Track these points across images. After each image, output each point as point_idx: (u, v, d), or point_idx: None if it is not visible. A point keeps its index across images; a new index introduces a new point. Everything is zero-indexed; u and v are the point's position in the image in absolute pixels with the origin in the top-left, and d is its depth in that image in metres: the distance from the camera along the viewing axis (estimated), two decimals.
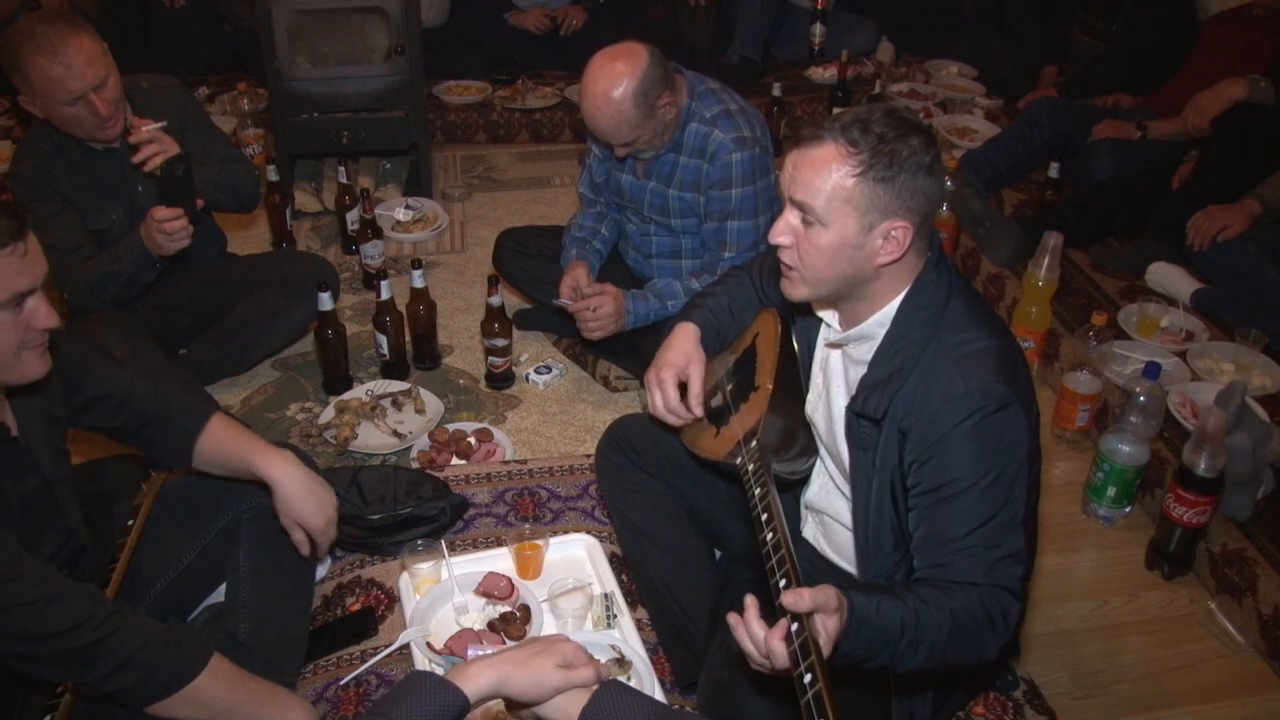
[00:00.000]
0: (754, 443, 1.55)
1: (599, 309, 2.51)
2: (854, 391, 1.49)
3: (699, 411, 1.74)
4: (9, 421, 1.50)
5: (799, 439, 1.67)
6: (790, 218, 1.43)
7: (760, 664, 1.20)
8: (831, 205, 1.37)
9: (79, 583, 1.43)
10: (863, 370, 1.48)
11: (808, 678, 1.08)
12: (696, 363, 1.77)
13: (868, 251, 1.40)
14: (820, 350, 1.64)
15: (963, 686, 1.68)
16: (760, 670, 1.22)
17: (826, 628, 1.17)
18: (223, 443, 1.74)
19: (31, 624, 1.34)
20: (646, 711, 1.21)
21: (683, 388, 1.76)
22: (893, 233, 1.38)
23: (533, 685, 1.23)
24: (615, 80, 2.30)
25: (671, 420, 1.75)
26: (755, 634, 1.18)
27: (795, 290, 1.49)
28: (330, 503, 1.78)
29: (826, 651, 1.16)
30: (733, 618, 1.21)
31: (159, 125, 2.33)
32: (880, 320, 1.47)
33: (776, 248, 1.47)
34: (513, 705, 1.28)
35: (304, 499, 1.73)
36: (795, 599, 1.14)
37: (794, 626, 1.14)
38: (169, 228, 2.26)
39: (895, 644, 1.27)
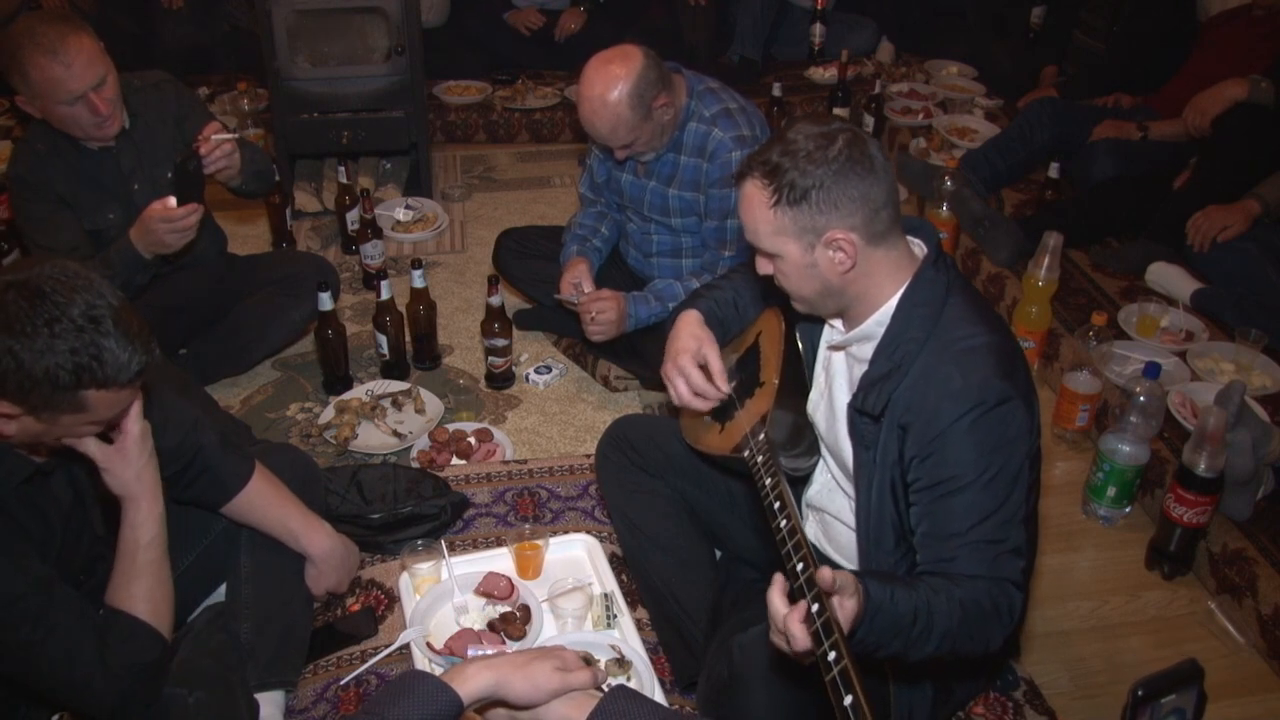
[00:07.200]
0: (762, 435, 1.55)
1: (602, 314, 2.51)
2: (855, 389, 1.49)
3: (726, 388, 1.69)
4: None
5: (805, 435, 1.67)
6: (758, 253, 1.50)
7: (778, 638, 1.19)
8: (770, 239, 1.44)
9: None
10: (865, 368, 1.49)
11: (832, 655, 1.07)
12: (709, 343, 1.73)
13: (823, 267, 1.43)
14: (823, 349, 1.64)
15: (963, 683, 1.67)
16: (778, 646, 1.20)
17: (844, 609, 1.17)
18: (264, 507, 1.76)
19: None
20: (655, 717, 1.21)
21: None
22: (835, 243, 1.40)
23: (530, 688, 1.23)
24: (611, 83, 2.30)
25: (700, 405, 1.70)
26: (776, 609, 1.17)
27: (799, 307, 1.55)
28: (355, 567, 1.94)
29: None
30: (774, 585, 1.19)
31: (231, 136, 2.33)
32: (879, 319, 1.47)
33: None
34: (506, 709, 1.27)
35: (336, 571, 1.86)
36: (825, 576, 1.13)
37: (814, 608, 1.12)
38: (183, 224, 2.24)
39: (908, 632, 1.27)
